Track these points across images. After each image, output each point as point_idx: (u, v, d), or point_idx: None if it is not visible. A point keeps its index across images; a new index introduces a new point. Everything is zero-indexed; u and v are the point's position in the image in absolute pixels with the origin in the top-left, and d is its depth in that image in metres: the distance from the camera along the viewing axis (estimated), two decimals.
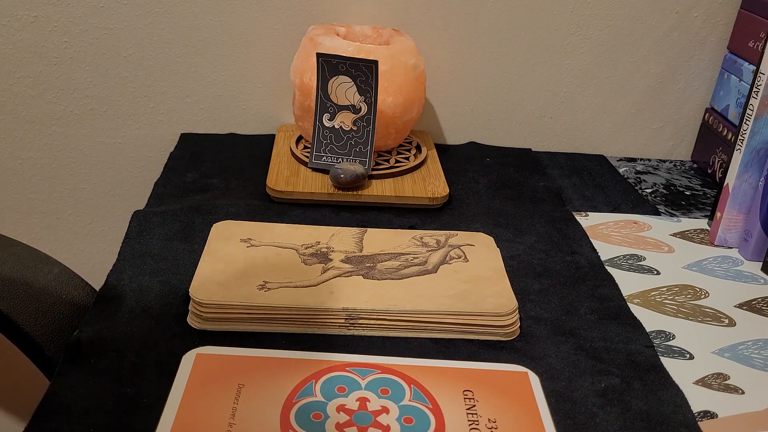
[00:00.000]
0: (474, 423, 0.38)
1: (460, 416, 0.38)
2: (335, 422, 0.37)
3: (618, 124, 0.83)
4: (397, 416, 0.38)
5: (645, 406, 0.43)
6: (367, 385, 0.40)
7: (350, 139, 0.66)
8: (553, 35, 0.78)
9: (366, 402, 0.38)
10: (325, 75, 0.64)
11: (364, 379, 0.40)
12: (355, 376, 0.40)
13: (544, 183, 0.73)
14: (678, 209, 0.70)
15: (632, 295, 0.55)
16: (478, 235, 0.57)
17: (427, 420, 0.38)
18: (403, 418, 0.38)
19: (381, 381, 0.40)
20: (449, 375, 0.41)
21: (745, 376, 0.47)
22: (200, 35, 0.76)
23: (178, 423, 0.36)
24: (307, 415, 0.37)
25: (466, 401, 0.39)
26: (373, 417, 0.37)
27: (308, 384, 0.39)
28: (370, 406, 0.38)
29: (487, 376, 0.42)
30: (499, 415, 0.39)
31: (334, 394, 0.39)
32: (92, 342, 0.45)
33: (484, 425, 0.38)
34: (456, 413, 0.38)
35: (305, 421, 0.36)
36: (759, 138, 0.60)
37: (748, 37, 0.73)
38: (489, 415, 0.39)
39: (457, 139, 0.83)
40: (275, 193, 0.64)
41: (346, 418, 0.37)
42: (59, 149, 0.79)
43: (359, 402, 0.38)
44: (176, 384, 0.39)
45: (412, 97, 0.69)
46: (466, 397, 0.40)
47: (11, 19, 0.73)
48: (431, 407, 0.39)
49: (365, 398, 0.39)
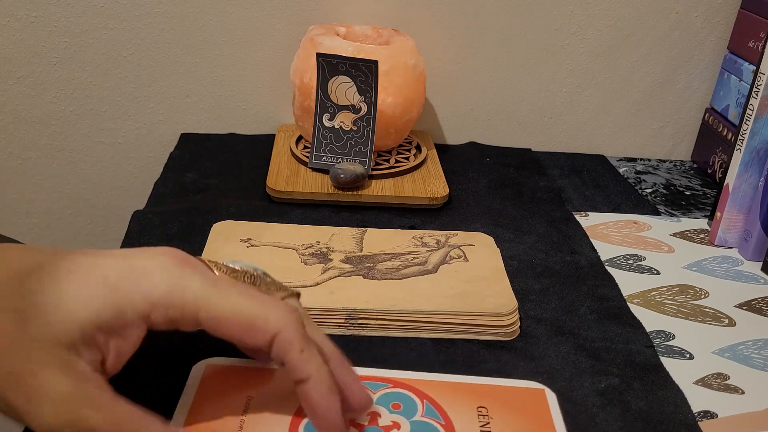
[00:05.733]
0: None
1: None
2: None
3: (618, 124, 0.83)
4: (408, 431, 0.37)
5: (645, 406, 0.43)
6: (378, 399, 0.39)
7: (350, 139, 0.66)
8: (553, 35, 0.78)
9: (377, 417, 0.37)
10: (325, 75, 0.64)
11: (376, 393, 0.39)
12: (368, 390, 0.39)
13: (544, 183, 0.73)
14: (678, 209, 0.70)
15: (632, 295, 0.55)
16: (478, 235, 0.57)
17: None
18: None
19: (393, 395, 0.39)
20: (463, 390, 0.40)
21: (745, 376, 0.47)
22: (200, 35, 0.76)
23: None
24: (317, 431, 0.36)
25: (480, 418, 0.38)
26: None
27: None
28: (381, 422, 0.37)
29: (502, 392, 0.40)
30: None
31: None
32: None
33: None
34: (469, 430, 0.37)
35: None
36: (759, 138, 0.60)
37: (748, 37, 0.73)
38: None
39: (457, 139, 0.83)
40: (275, 193, 0.64)
41: None
42: (59, 149, 0.79)
43: (370, 416, 0.37)
44: (185, 394, 0.38)
45: (412, 97, 0.69)
46: (480, 413, 0.38)
47: (11, 19, 0.73)
48: (443, 423, 0.37)
49: (376, 413, 0.37)
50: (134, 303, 0.30)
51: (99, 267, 0.30)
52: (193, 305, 0.30)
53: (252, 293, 0.32)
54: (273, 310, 0.31)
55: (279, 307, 0.32)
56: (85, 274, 0.30)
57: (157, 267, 0.30)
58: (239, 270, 0.35)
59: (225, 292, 0.31)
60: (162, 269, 0.30)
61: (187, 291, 0.30)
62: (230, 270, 0.35)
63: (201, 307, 0.30)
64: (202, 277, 0.31)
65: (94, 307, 0.29)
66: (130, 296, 0.30)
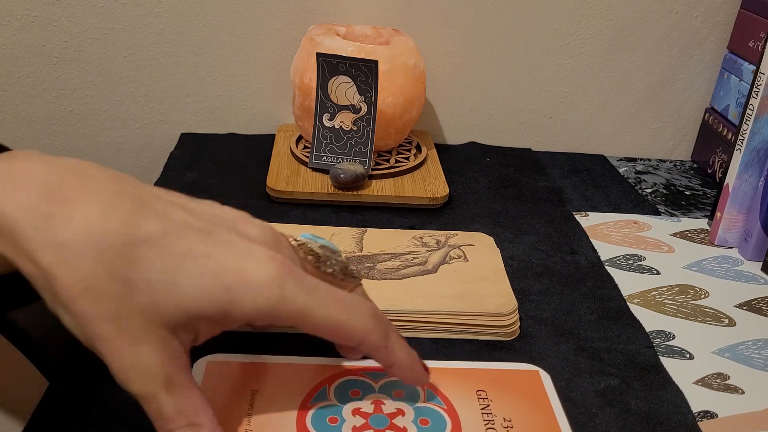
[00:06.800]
0: (489, 423, 0.38)
1: (476, 416, 0.38)
2: (352, 425, 0.37)
3: (618, 124, 0.83)
4: (413, 418, 0.38)
5: (645, 406, 0.43)
6: (380, 388, 0.40)
7: (350, 139, 0.66)
8: (553, 35, 0.78)
9: (381, 404, 0.38)
10: (325, 75, 0.64)
11: (377, 382, 0.40)
12: (368, 380, 0.40)
13: (544, 183, 0.73)
14: (678, 209, 0.70)
15: (632, 295, 0.55)
16: (478, 235, 0.57)
17: (443, 421, 0.38)
18: (419, 420, 0.38)
19: (394, 384, 0.40)
20: (461, 376, 0.41)
21: (745, 376, 0.47)
22: (200, 35, 0.76)
23: None
24: (323, 419, 0.37)
25: (480, 401, 0.39)
26: (389, 419, 0.37)
27: (321, 389, 0.39)
28: (385, 409, 0.38)
29: (499, 375, 0.42)
30: (514, 414, 0.39)
31: (349, 398, 0.39)
32: None
33: (500, 424, 0.38)
34: (471, 413, 0.38)
35: (321, 424, 0.36)
36: (759, 138, 0.60)
37: (748, 37, 0.73)
38: (504, 414, 0.39)
39: (457, 139, 0.83)
40: (275, 193, 0.64)
41: (363, 422, 0.37)
42: (59, 149, 0.79)
43: (374, 405, 0.38)
44: None
45: (412, 97, 0.69)
46: (479, 397, 0.40)
47: (11, 19, 0.73)
48: (446, 408, 0.39)
49: (380, 401, 0.39)
50: (243, 309, 0.31)
51: (213, 261, 0.31)
52: (295, 317, 0.33)
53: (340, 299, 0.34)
54: (358, 317, 0.34)
55: (362, 312, 0.35)
56: (201, 265, 0.31)
57: (269, 278, 0.32)
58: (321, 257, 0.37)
59: (323, 303, 0.33)
60: (273, 282, 0.32)
61: (293, 305, 0.32)
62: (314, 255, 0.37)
63: (302, 318, 0.33)
64: (304, 290, 0.33)
65: (205, 303, 0.31)
66: (240, 301, 0.31)
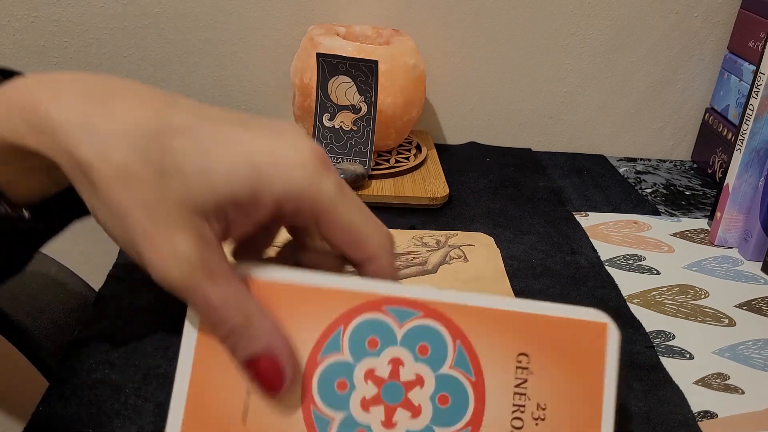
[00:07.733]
0: (518, 410, 0.32)
1: (505, 398, 0.33)
2: (361, 396, 0.33)
3: (618, 124, 0.83)
4: (431, 392, 0.33)
5: (645, 406, 0.43)
6: (403, 338, 0.34)
7: (350, 139, 0.66)
8: (553, 35, 0.78)
9: (399, 366, 0.33)
10: (325, 75, 0.64)
11: (402, 326, 0.34)
12: (392, 322, 0.34)
13: (544, 183, 0.73)
14: (678, 209, 0.70)
15: (632, 295, 0.55)
16: (478, 235, 0.57)
17: (464, 404, 0.33)
18: (438, 396, 0.33)
19: (421, 332, 0.34)
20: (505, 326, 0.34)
21: (745, 376, 0.47)
22: (200, 35, 0.76)
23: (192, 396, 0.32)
24: (332, 384, 0.33)
25: (517, 371, 0.33)
26: (405, 391, 0.33)
27: (336, 332, 0.34)
28: (402, 374, 0.33)
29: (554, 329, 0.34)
30: (552, 398, 0.33)
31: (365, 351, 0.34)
32: (91, 341, 0.45)
33: (530, 415, 0.32)
34: (501, 394, 0.33)
35: (329, 392, 0.33)
36: (759, 138, 0.60)
37: (748, 37, 0.73)
38: (540, 397, 0.33)
39: (457, 139, 0.83)
40: None
41: (374, 392, 0.33)
42: None
43: (391, 366, 0.33)
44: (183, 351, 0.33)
45: (412, 97, 0.69)
46: (518, 365, 0.33)
47: (11, 19, 0.73)
48: (474, 381, 0.33)
49: (399, 360, 0.34)
50: (273, 190, 0.31)
51: (245, 143, 0.31)
52: (322, 207, 0.32)
53: (364, 207, 0.33)
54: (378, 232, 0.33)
55: (383, 230, 0.34)
56: (233, 148, 0.31)
57: (302, 161, 0.31)
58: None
59: (350, 203, 0.32)
60: (306, 164, 0.31)
61: (323, 193, 0.31)
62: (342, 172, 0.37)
63: (328, 211, 0.32)
64: (335, 181, 0.32)
65: (235, 185, 0.30)
66: (271, 183, 0.31)
